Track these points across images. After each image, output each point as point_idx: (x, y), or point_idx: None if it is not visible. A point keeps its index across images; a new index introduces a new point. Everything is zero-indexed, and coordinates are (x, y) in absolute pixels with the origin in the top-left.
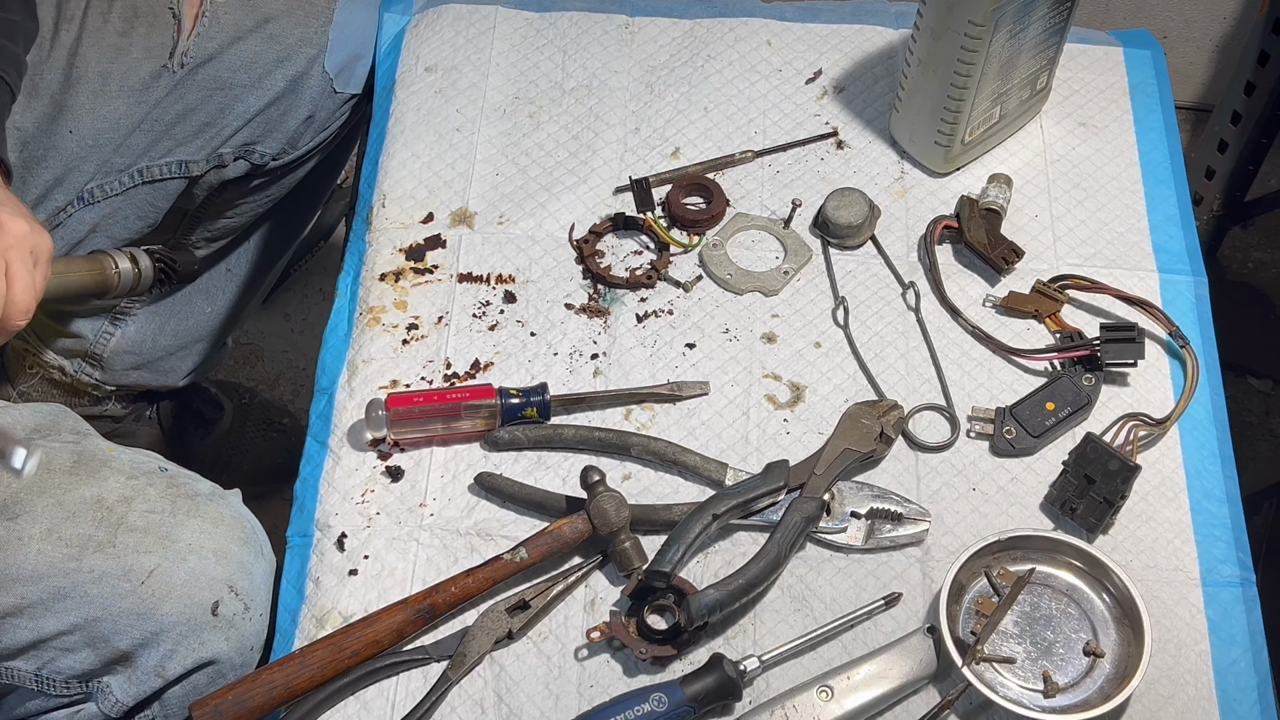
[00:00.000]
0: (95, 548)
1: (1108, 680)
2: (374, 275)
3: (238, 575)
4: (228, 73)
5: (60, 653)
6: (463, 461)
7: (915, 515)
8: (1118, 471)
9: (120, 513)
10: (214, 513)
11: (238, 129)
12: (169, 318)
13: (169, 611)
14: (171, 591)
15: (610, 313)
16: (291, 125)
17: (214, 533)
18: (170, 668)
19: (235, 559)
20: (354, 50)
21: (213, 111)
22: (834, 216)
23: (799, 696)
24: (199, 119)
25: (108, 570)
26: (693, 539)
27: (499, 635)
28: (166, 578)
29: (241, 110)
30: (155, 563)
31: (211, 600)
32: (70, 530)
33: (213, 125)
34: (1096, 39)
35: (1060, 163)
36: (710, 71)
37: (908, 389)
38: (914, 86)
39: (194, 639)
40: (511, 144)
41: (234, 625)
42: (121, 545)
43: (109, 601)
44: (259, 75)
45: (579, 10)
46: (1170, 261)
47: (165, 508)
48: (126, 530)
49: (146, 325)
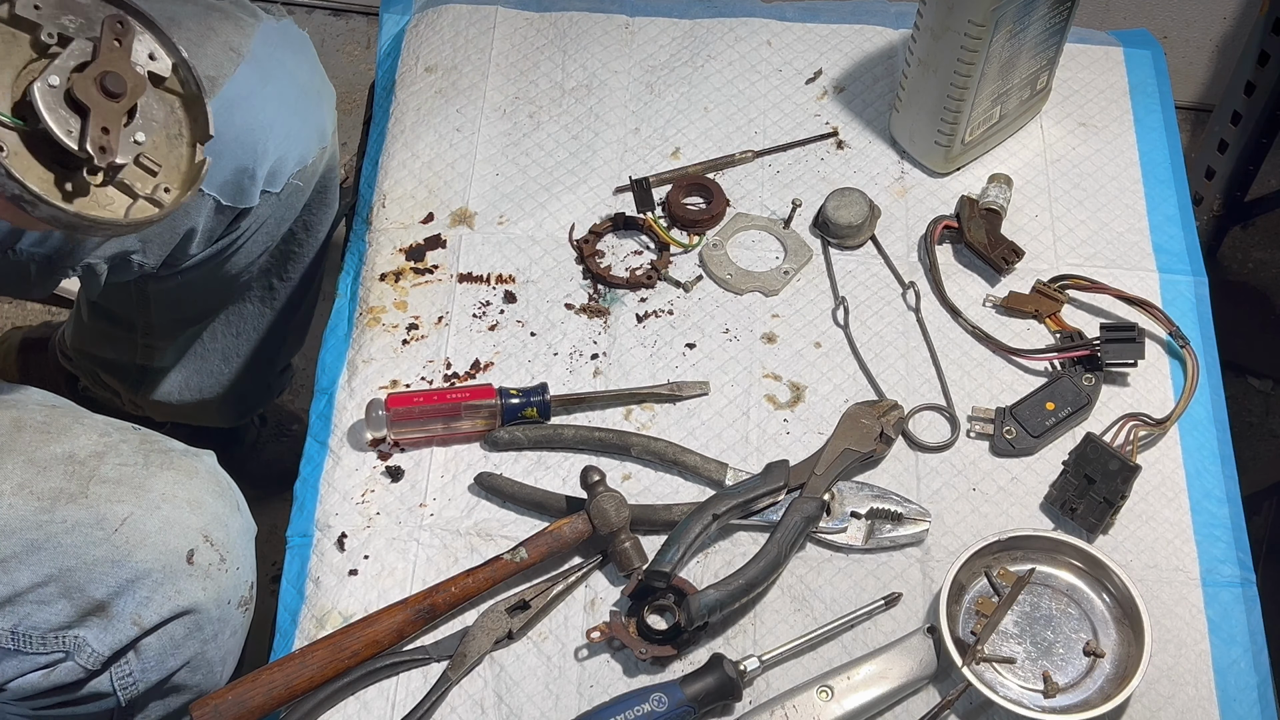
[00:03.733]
0: (67, 499)
1: (1108, 680)
2: (374, 275)
3: (212, 526)
4: None
5: (36, 606)
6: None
7: (915, 515)
8: (1118, 471)
9: (92, 466)
10: (188, 466)
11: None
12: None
13: (143, 559)
14: (145, 539)
15: (610, 313)
16: (170, 239)
17: (188, 484)
18: (146, 615)
19: (210, 510)
20: (236, 163)
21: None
22: (834, 216)
23: (799, 696)
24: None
25: (80, 520)
26: (693, 539)
27: (499, 635)
28: (140, 525)
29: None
30: (128, 511)
31: (186, 548)
32: (41, 484)
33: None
34: (1096, 39)
35: (1060, 163)
36: (710, 71)
37: (908, 389)
38: (914, 86)
39: (169, 586)
40: (511, 144)
41: (210, 575)
42: (94, 495)
43: (82, 550)
44: None
45: (579, 10)
46: (1170, 261)
47: (138, 461)
48: (99, 482)
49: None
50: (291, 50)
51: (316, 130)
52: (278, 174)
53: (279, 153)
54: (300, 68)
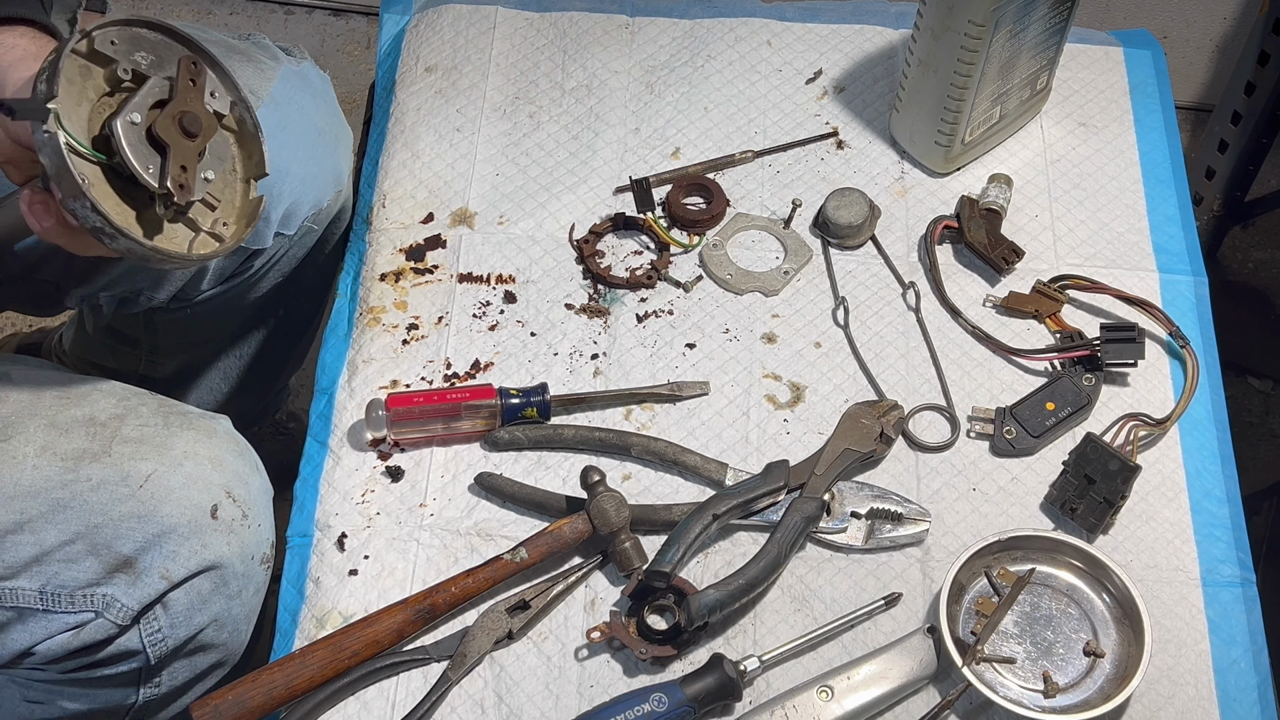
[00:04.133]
0: (91, 459)
1: (1108, 680)
2: (374, 275)
3: (234, 482)
4: None
5: (64, 565)
6: (463, 461)
7: (915, 515)
8: (1118, 471)
9: (113, 427)
10: (206, 426)
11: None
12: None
13: (169, 513)
14: (170, 494)
15: (610, 313)
16: (180, 277)
17: (208, 443)
18: (174, 570)
19: (231, 467)
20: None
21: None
22: (834, 216)
23: (799, 696)
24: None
25: (105, 478)
26: (693, 539)
27: (499, 635)
28: (164, 481)
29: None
30: (152, 468)
31: (210, 503)
32: (65, 445)
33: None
34: (1096, 39)
35: (1060, 163)
36: (710, 71)
37: (908, 389)
38: (914, 86)
39: (195, 540)
40: (511, 144)
41: (234, 530)
42: (117, 454)
43: (108, 507)
44: None
45: (579, 10)
46: (1170, 261)
47: (158, 422)
48: (121, 441)
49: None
50: (311, 94)
51: (333, 174)
52: (292, 217)
53: (294, 196)
54: (319, 112)
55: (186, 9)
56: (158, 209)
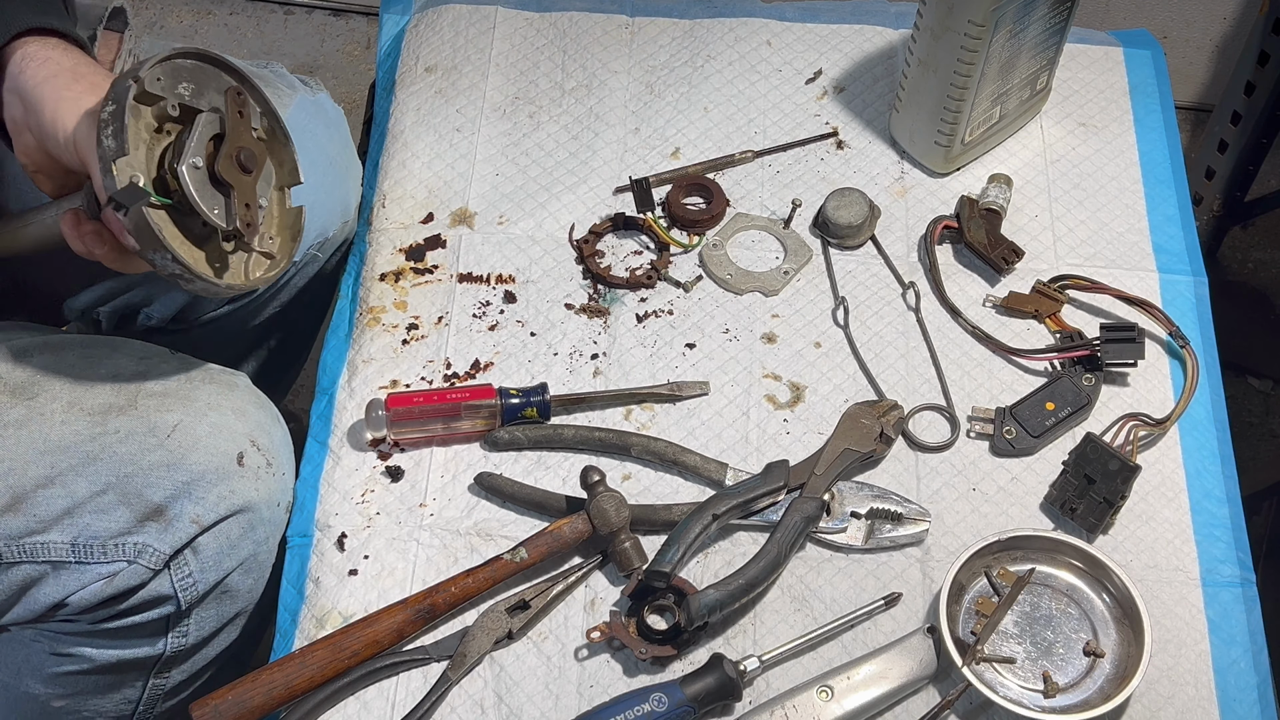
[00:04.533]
0: (118, 412)
1: (1108, 680)
2: (374, 275)
3: (257, 432)
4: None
5: (95, 516)
6: (463, 461)
7: (915, 515)
8: (1118, 471)
9: (137, 383)
10: (227, 380)
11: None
12: None
13: (197, 461)
14: (197, 443)
15: (610, 313)
16: (181, 299)
17: (230, 395)
18: (204, 515)
19: (253, 418)
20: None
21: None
22: (834, 216)
23: (799, 696)
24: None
25: (133, 429)
26: (693, 539)
27: (499, 635)
28: (190, 430)
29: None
30: (178, 419)
31: (236, 451)
32: (91, 401)
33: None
34: (1096, 39)
35: (1060, 163)
36: (710, 71)
37: (908, 389)
38: (914, 86)
39: (224, 486)
40: (511, 144)
41: (260, 477)
42: (143, 407)
43: (137, 456)
44: None
45: (579, 10)
46: (1170, 261)
47: (180, 376)
48: (146, 395)
49: None
50: (325, 124)
51: (341, 205)
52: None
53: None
54: (332, 142)
55: (186, 9)
56: (221, 242)
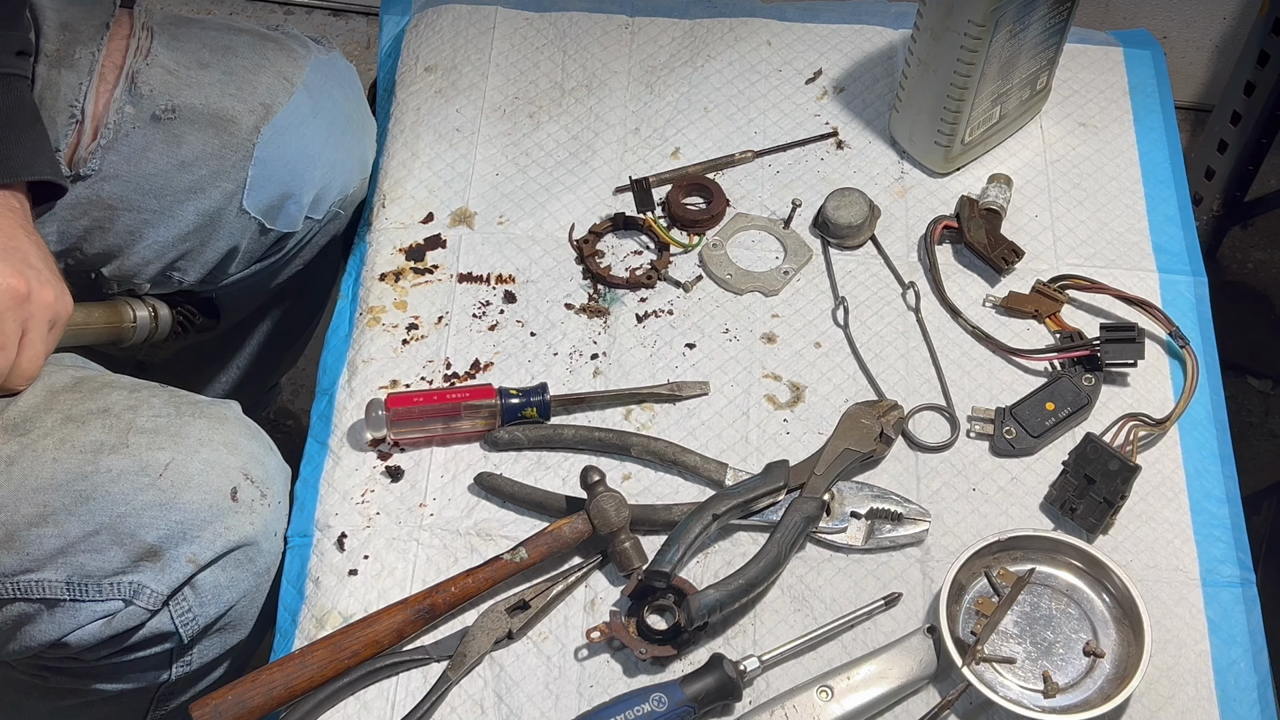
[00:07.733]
0: (109, 450)
1: (1108, 680)
2: (374, 275)
3: (250, 464)
4: (136, 196)
5: (89, 555)
6: (463, 461)
7: (915, 515)
8: (1118, 471)
9: (128, 419)
10: (217, 413)
11: (149, 259)
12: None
13: (190, 500)
14: (190, 481)
15: (610, 313)
16: (211, 258)
17: (221, 429)
18: (201, 554)
19: (246, 450)
20: (283, 189)
21: (121, 234)
22: (834, 216)
23: (799, 696)
24: (108, 240)
25: (125, 468)
26: (693, 539)
27: (499, 635)
28: (182, 469)
29: (154, 238)
30: (169, 457)
31: (229, 487)
32: (82, 438)
33: (125, 249)
34: (1096, 39)
35: (1060, 163)
36: (710, 71)
37: (908, 389)
38: (914, 86)
39: (219, 524)
40: (511, 144)
41: (255, 510)
42: (134, 445)
43: (130, 496)
44: (169, 203)
45: (579, 10)
46: (1170, 261)
47: (170, 412)
48: (137, 432)
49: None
50: (339, 83)
51: (359, 161)
52: (321, 201)
53: (324, 181)
54: (347, 100)
55: (186, 9)
56: None
